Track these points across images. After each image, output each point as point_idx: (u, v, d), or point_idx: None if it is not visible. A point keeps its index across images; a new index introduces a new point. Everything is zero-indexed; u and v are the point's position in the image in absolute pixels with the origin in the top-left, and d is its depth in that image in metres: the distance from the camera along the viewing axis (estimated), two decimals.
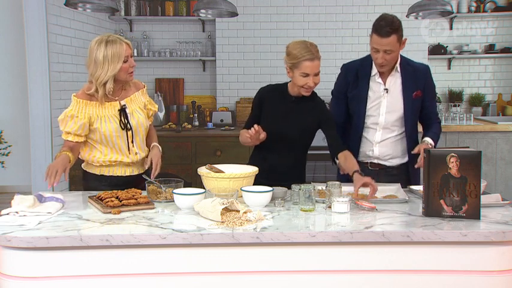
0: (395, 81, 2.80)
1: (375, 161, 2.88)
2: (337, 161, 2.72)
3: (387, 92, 2.79)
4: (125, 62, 2.56)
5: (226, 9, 3.41)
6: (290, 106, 2.76)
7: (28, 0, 4.45)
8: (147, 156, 2.76)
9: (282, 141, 2.75)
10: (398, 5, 5.36)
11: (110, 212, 2.18)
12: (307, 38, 5.78)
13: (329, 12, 5.54)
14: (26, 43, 4.51)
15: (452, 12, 3.89)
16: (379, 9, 5.46)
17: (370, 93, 2.80)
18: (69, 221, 2.08)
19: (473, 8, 5.60)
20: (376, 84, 2.80)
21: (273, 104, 2.78)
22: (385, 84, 2.80)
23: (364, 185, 2.38)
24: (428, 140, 2.78)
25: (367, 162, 2.89)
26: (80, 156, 2.73)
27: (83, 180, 2.79)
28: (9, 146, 5.16)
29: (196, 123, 5.62)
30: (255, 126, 2.57)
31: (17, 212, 2.13)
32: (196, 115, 5.64)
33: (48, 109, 4.56)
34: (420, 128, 2.97)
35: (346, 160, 2.60)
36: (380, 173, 2.86)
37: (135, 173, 2.73)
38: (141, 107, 2.75)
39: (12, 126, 6.01)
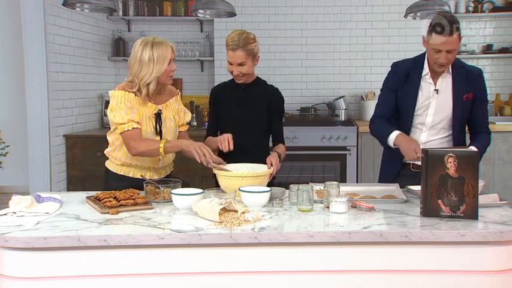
0: (446, 82, 2.75)
1: (418, 162, 2.70)
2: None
3: (437, 92, 2.74)
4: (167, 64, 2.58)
5: (224, 10, 3.40)
6: (242, 94, 2.93)
7: (26, 0, 4.44)
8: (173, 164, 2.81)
9: (241, 125, 2.89)
10: (396, 5, 5.36)
11: (108, 213, 2.18)
12: (306, 39, 5.80)
13: (327, 13, 5.53)
14: (23, 43, 4.50)
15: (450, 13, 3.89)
16: (377, 10, 5.47)
17: (419, 92, 2.76)
18: (67, 221, 2.08)
19: (471, 9, 5.60)
20: (426, 85, 2.76)
21: (227, 96, 2.96)
22: (435, 84, 2.76)
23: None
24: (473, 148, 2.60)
25: (410, 163, 2.80)
26: (105, 151, 2.74)
27: (104, 179, 2.77)
28: (7, 147, 5.16)
29: (194, 123, 5.61)
30: (229, 139, 2.70)
31: (14, 213, 2.13)
32: (194, 115, 5.63)
33: (46, 109, 4.55)
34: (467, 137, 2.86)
35: (277, 148, 2.95)
36: None
37: (155, 177, 2.70)
38: (174, 114, 2.75)
39: (10, 126, 6.00)
